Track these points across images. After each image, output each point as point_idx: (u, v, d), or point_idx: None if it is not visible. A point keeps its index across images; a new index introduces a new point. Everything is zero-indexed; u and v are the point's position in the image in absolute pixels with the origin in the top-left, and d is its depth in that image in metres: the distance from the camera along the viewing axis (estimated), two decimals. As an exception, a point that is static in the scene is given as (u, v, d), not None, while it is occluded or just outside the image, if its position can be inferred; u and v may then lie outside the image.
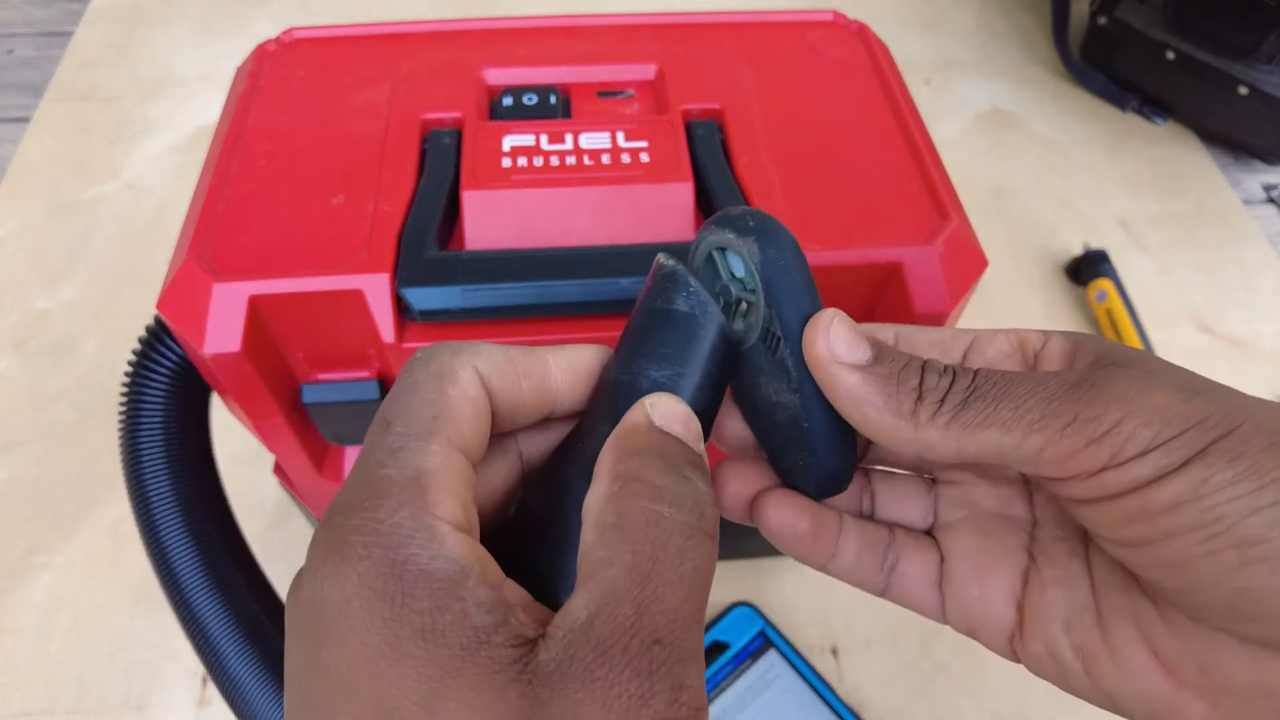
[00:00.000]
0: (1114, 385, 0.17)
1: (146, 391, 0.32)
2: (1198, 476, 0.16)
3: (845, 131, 0.35)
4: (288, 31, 0.39)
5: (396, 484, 0.16)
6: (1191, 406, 0.16)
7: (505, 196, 0.32)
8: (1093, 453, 0.17)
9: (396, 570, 0.15)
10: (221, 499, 0.34)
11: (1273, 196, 0.72)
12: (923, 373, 0.19)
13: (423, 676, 0.14)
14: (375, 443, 0.17)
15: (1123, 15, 0.73)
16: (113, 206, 0.66)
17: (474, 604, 0.15)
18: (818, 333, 0.19)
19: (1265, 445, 0.16)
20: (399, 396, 0.18)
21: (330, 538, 0.16)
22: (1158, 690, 0.18)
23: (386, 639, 0.15)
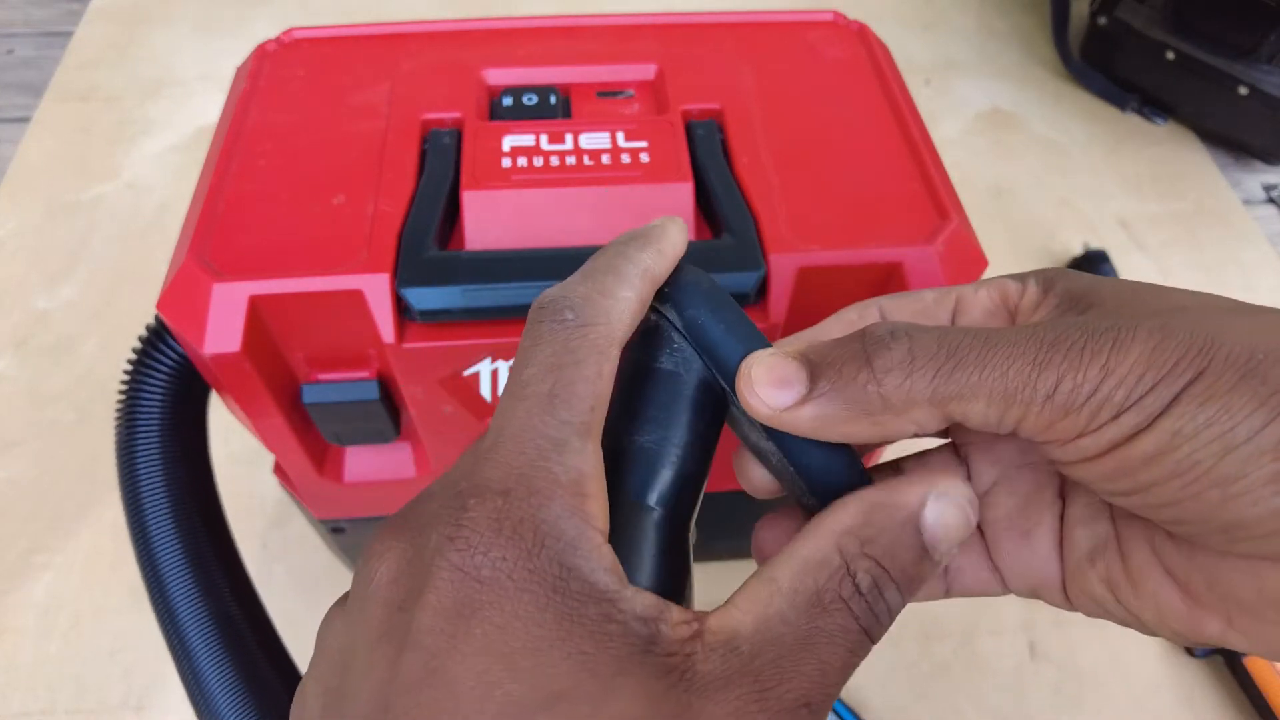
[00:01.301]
0: (1089, 343, 0.17)
1: (144, 391, 0.32)
2: (1170, 428, 0.16)
3: (845, 131, 0.35)
4: (288, 31, 0.39)
5: (562, 485, 0.17)
6: (1162, 352, 0.17)
7: (505, 196, 0.32)
8: (1070, 422, 0.17)
9: (564, 574, 0.16)
10: (214, 500, 0.34)
11: (1273, 196, 0.72)
12: (868, 358, 0.18)
13: (593, 672, 0.15)
14: (535, 420, 0.17)
15: (1123, 15, 0.73)
16: (113, 206, 0.66)
17: (633, 617, 0.16)
18: (744, 393, 0.19)
19: (1235, 380, 0.16)
20: (560, 366, 0.18)
21: (493, 521, 0.16)
22: (1177, 610, 0.19)
23: (557, 632, 0.15)
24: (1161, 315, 0.17)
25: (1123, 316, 0.18)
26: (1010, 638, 0.47)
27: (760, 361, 0.19)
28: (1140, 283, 0.20)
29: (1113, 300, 0.19)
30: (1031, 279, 0.21)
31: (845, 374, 0.18)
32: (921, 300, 0.23)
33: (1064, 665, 0.46)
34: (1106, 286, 0.20)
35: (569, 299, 0.19)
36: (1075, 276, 0.20)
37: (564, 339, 0.18)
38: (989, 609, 0.48)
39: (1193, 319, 0.17)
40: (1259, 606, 0.17)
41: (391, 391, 0.33)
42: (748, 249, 0.30)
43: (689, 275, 0.21)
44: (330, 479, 0.36)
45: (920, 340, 0.18)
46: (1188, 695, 0.45)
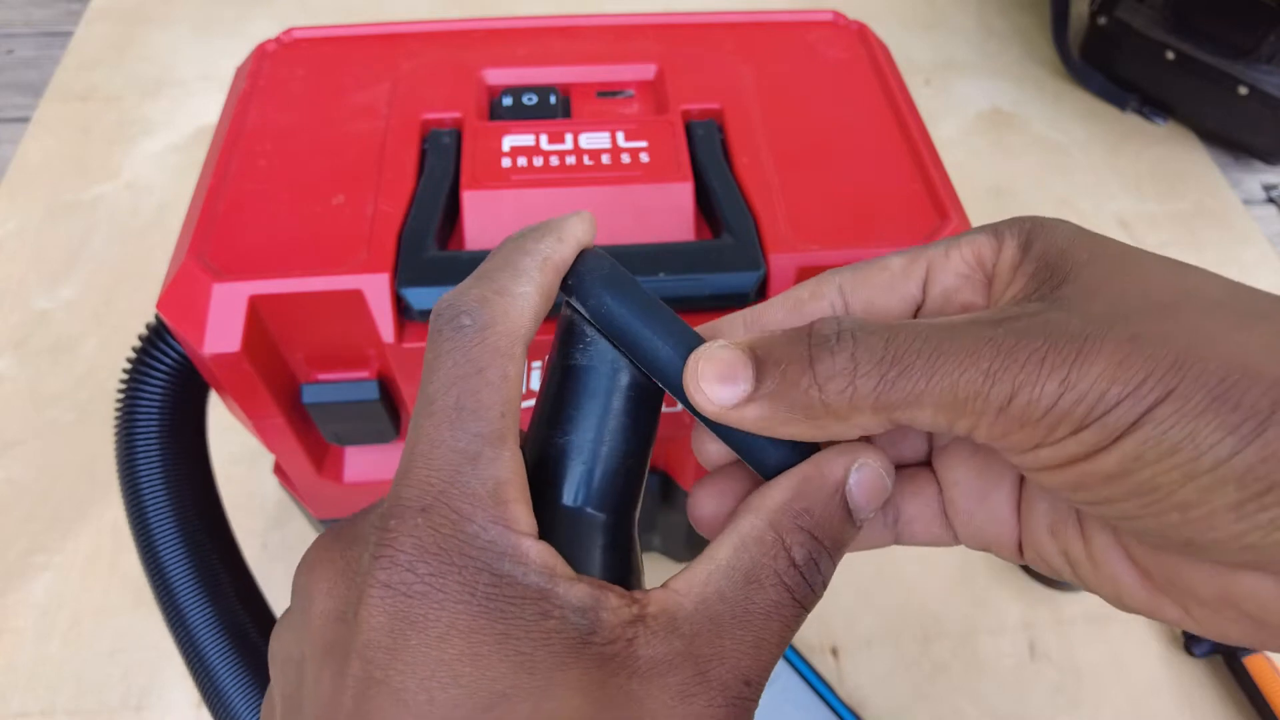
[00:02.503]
0: (1050, 353, 0.16)
1: (144, 391, 0.32)
2: (1132, 450, 0.15)
3: (845, 131, 0.35)
4: (287, 31, 0.39)
5: (480, 497, 0.17)
6: (1129, 367, 0.15)
7: (505, 196, 0.32)
8: (1026, 435, 0.16)
9: (495, 581, 0.16)
10: (214, 499, 0.34)
11: (1273, 196, 0.72)
12: (810, 361, 0.18)
13: (531, 671, 0.16)
14: (445, 436, 0.17)
15: (1123, 15, 0.73)
16: (112, 206, 0.66)
17: (570, 609, 0.17)
18: (690, 390, 0.18)
19: (1205, 404, 0.15)
20: (464, 376, 0.18)
21: (418, 540, 0.16)
22: (1136, 593, 0.19)
23: (495, 637, 0.16)
24: (1136, 317, 0.16)
25: (1094, 312, 0.16)
26: (1010, 638, 0.47)
27: (707, 356, 0.18)
28: (1125, 251, 0.18)
29: (1090, 278, 0.17)
30: (1009, 234, 0.20)
31: (789, 376, 0.18)
32: (886, 270, 0.21)
33: (1064, 665, 0.46)
34: (1085, 252, 0.18)
35: (464, 304, 0.18)
36: (1054, 232, 0.19)
37: (464, 348, 0.18)
38: (989, 609, 0.48)
39: (1169, 326, 0.16)
40: (1218, 605, 0.17)
41: (391, 391, 0.33)
42: (748, 249, 0.30)
43: (589, 260, 0.20)
44: (330, 479, 0.36)
45: (865, 344, 0.17)
46: (1188, 695, 0.45)
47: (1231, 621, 0.17)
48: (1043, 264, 0.18)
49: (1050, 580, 0.48)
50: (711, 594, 0.18)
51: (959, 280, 0.20)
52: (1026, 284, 0.18)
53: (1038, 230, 0.19)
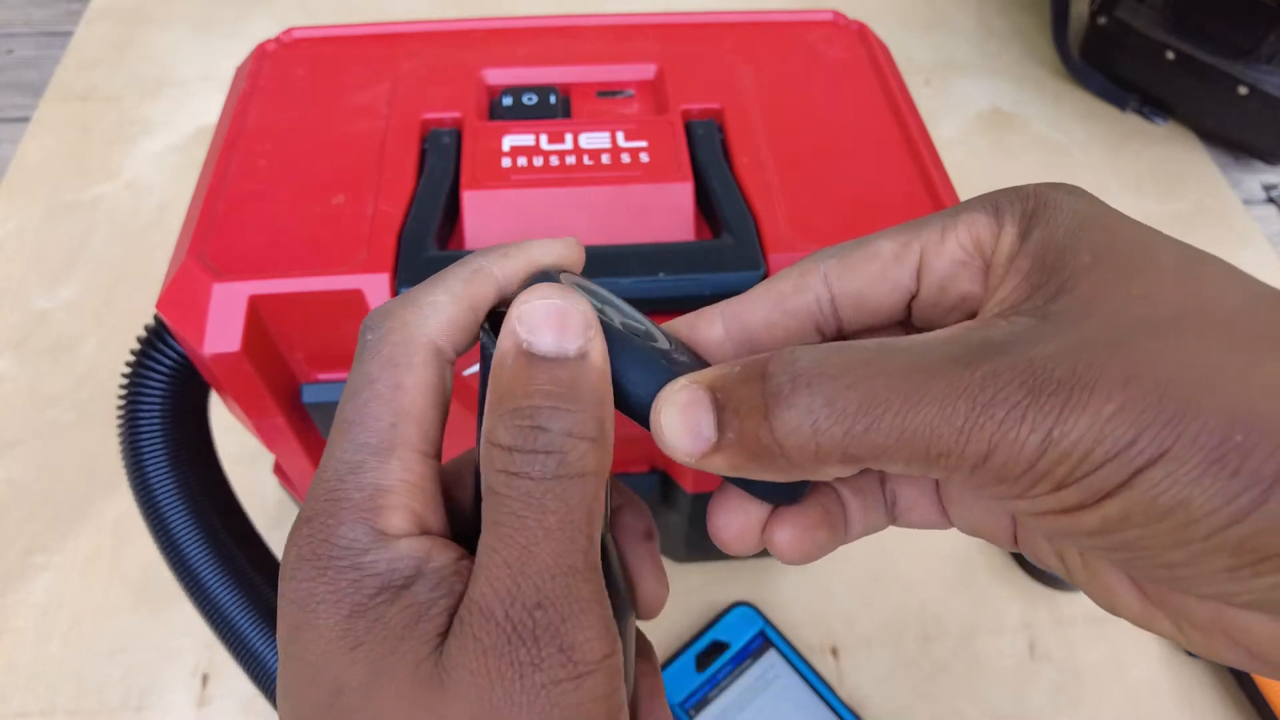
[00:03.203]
0: (1031, 407, 0.14)
1: (145, 390, 0.32)
2: (1118, 511, 0.14)
3: (845, 131, 0.35)
4: (287, 31, 0.39)
5: (355, 503, 0.17)
6: (1121, 422, 0.14)
7: (505, 196, 0.32)
8: (1003, 489, 0.15)
9: (355, 576, 0.16)
10: (226, 489, 0.34)
11: (1273, 196, 0.72)
12: (766, 413, 0.16)
13: (368, 661, 0.16)
14: (336, 450, 0.18)
15: (1123, 15, 0.73)
16: (112, 206, 0.66)
17: (424, 587, 0.16)
18: (658, 440, 0.17)
19: (1203, 469, 0.13)
20: (357, 392, 0.18)
21: (301, 548, 0.17)
22: (1131, 604, 0.18)
23: (344, 631, 0.16)
24: (1135, 345, 0.14)
25: (1087, 339, 0.15)
26: (1010, 638, 0.47)
27: (668, 401, 0.17)
28: (1134, 249, 0.16)
29: (1089, 290, 0.16)
30: (1009, 218, 0.18)
31: (747, 428, 0.16)
32: (878, 257, 0.19)
33: (1064, 665, 0.46)
34: (1088, 254, 0.16)
35: (372, 318, 0.19)
36: (1056, 218, 0.17)
37: (361, 361, 0.18)
38: (989, 609, 0.48)
39: (1170, 358, 0.14)
40: (1209, 628, 0.16)
41: (391, 391, 0.33)
42: (748, 249, 0.30)
43: (541, 276, 0.19)
44: (330, 479, 0.36)
45: (824, 393, 0.15)
46: (1188, 695, 0.45)
47: (1225, 647, 0.16)
48: (1039, 263, 0.17)
49: (1050, 580, 0.48)
50: (481, 542, 0.17)
51: (956, 267, 0.19)
52: (1019, 285, 0.17)
53: (1040, 214, 0.17)
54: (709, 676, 0.44)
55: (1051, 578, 0.48)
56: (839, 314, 0.20)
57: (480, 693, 0.15)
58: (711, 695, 0.44)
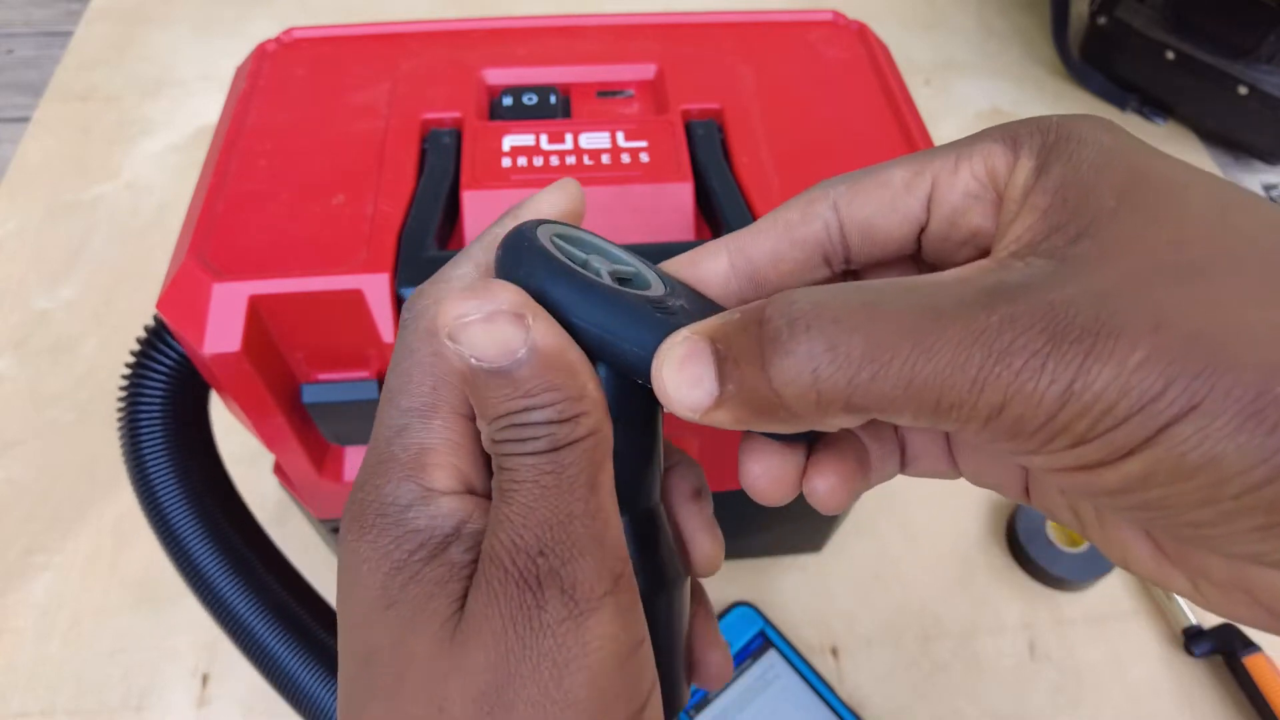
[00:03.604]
0: (1052, 355, 0.13)
1: (146, 390, 0.32)
2: (1142, 469, 0.13)
3: (845, 131, 0.35)
4: (287, 31, 0.39)
5: (400, 462, 0.17)
6: (1148, 373, 0.13)
7: (505, 196, 0.32)
8: (1018, 444, 0.14)
9: (398, 533, 0.17)
10: (229, 486, 0.35)
11: (1273, 196, 0.72)
12: (763, 361, 0.15)
13: (398, 621, 0.16)
14: (383, 418, 0.18)
15: (1123, 15, 0.73)
16: (112, 206, 0.66)
17: (458, 549, 0.17)
18: (661, 396, 0.17)
19: (1237, 424, 0.12)
20: (399, 363, 0.18)
21: (351, 511, 0.18)
22: (1146, 561, 0.17)
23: (382, 590, 0.16)
24: (1163, 288, 0.13)
25: (1111, 285, 0.14)
26: (1010, 638, 0.47)
27: (670, 355, 0.16)
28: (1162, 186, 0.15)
29: (1115, 235, 0.14)
30: (1025, 149, 0.17)
31: (747, 378, 0.15)
32: (887, 186, 0.18)
33: (1064, 665, 0.46)
34: (1112, 196, 0.15)
35: (409, 301, 0.19)
36: (1079, 152, 0.16)
37: (403, 339, 0.19)
38: (989, 609, 0.48)
39: (1202, 305, 0.13)
40: (1230, 588, 0.16)
41: (391, 391, 0.33)
42: (748, 249, 0.30)
43: (507, 241, 0.18)
44: (330, 479, 0.36)
45: (824, 337, 0.14)
46: (1187, 695, 0.45)
47: (1243, 606, 0.16)
48: (1059, 201, 0.15)
49: (1050, 580, 0.48)
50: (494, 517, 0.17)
51: (968, 200, 0.18)
52: (1036, 223, 0.16)
53: (1060, 148, 0.16)
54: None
55: (1052, 577, 0.48)
56: (848, 244, 0.19)
57: (495, 637, 0.15)
58: (711, 695, 0.44)
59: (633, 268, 0.19)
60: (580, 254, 0.19)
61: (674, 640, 0.20)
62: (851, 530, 0.50)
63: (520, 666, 0.15)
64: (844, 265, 0.20)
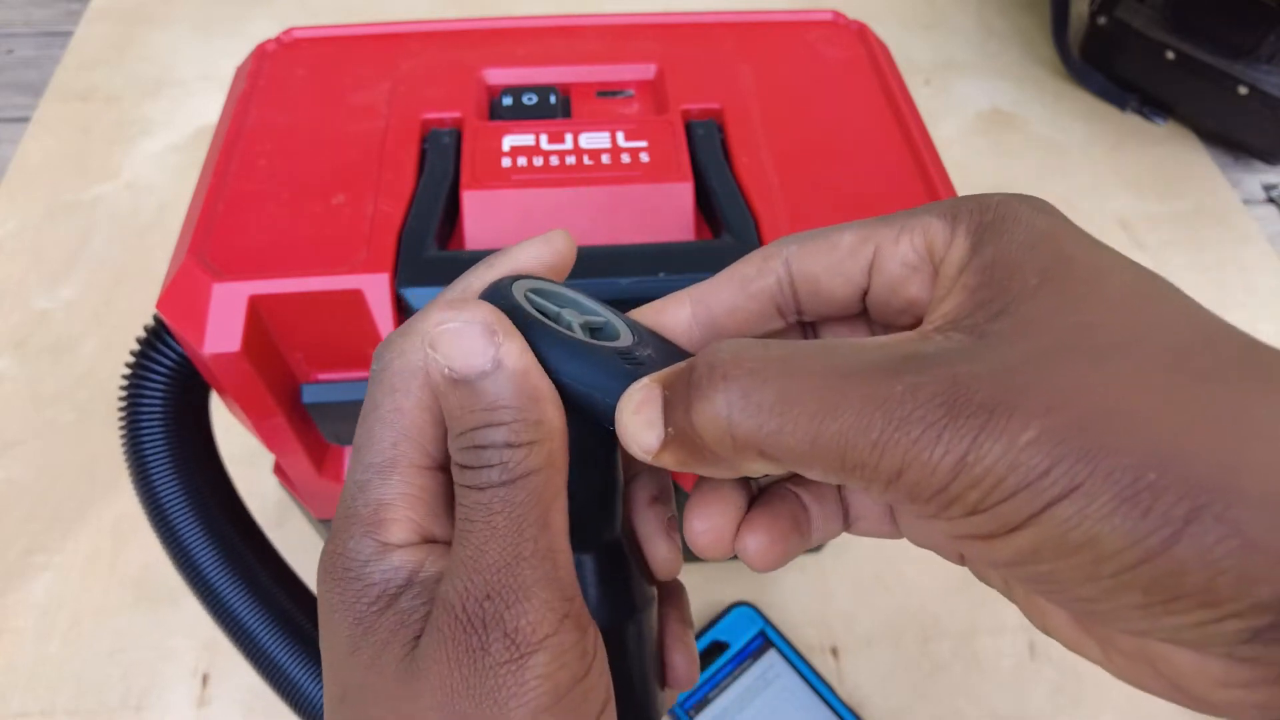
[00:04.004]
0: (949, 428, 0.14)
1: (146, 390, 0.32)
2: (1029, 543, 0.14)
3: (845, 131, 0.35)
4: (287, 31, 0.39)
5: (361, 518, 0.18)
6: (1036, 453, 0.13)
7: (505, 196, 0.32)
8: (917, 508, 0.15)
9: (358, 587, 0.18)
10: (229, 487, 0.35)
11: (1273, 196, 0.72)
12: (689, 407, 0.16)
13: (363, 665, 0.17)
14: (350, 473, 0.19)
15: (1123, 15, 0.73)
16: (112, 206, 0.66)
17: (409, 598, 0.18)
18: (622, 439, 0.18)
19: (1112, 506, 0.13)
20: (365, 418, 0.19)
21: (324, 563, 0.19)
22: (1063, 628, 0.18)
23: (349, 637, 0.18)
24: (1063, 372, 0.14)
25: (1016, 363, 0.14)
26: (1010, 638, 0.47)
27: (626, 400, 0.17)
28: (1086, 272, 0.16)
29: (1032, 313, 0.15)
30: (962, 228, 0.18)
31: (679, 422, 0.16)
32: (837, 249, 0.19)
33: (1064, 665, 0.46)
34: (1035, 275, 0.16)
35: (378, 350, 0.20)
36: (1011, 233, 0.17)
37: (370, 392, 0.20)
38: (989, 609, 0.48)
39: (1095, 391, 0.14)
40: (1134, 657, 0.16)
41: (391, 391, 0.33)
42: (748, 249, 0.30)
43: (488, 292, 0.19)
44: (330, 479, 0.36)
45: (740, 386, 0.16)
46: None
47: (1149, 677, 0.16)
48: (987, 279, 0.16)
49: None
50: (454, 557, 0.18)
51: (906, 270, 0.19)
52: (964, 301, 0.17)
53: (995, 228, 0.17)
54: (709, 676, 0.44)
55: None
56: (798, 299, 0.20)
57: (442, 679, 0.16)
58: (711, 695, 0.44)
59: (603, 318, 0.20)
60: (554, 307, 0.20)
61: (643, 661, 0.21)
62: (851, 530, 0.50)
63: (465, 705, 0.16)
64: (796, 318, 0.21)
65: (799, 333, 0.22)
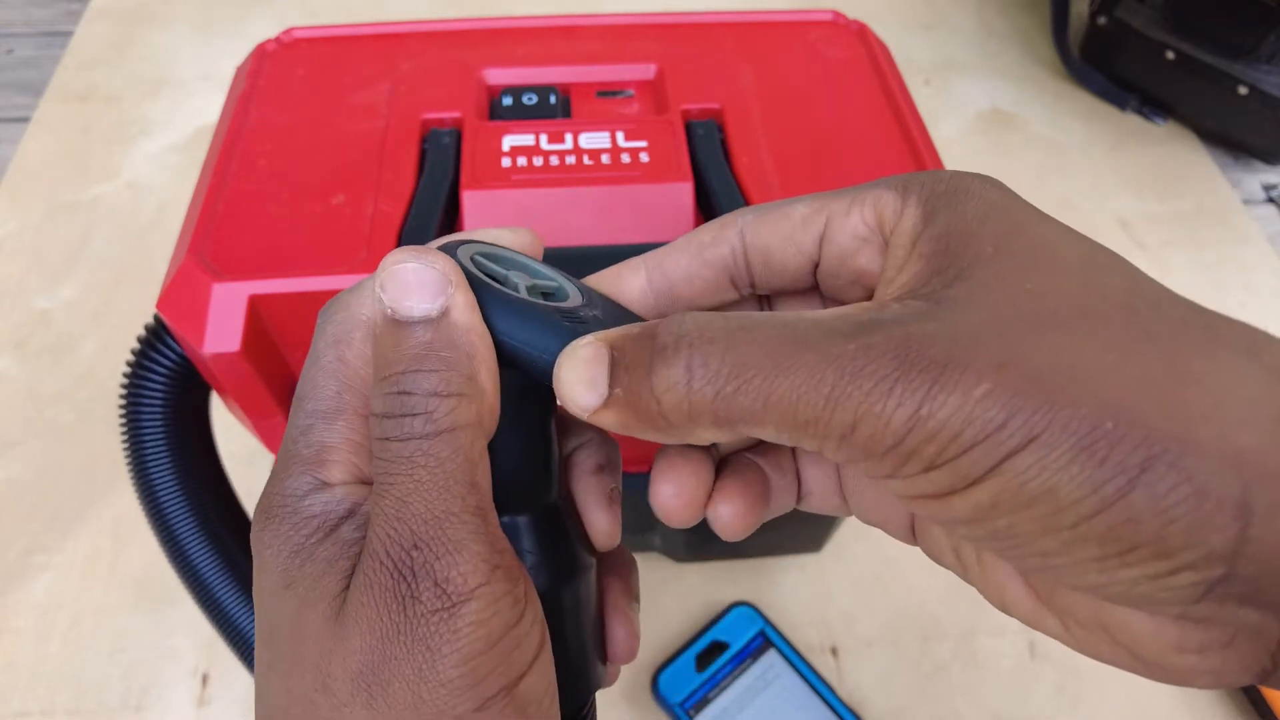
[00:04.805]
0: (900, 380, 0.14)
1: (146, 391, 0.32)
2: (987, 499, 0.14)
3: (845, 131, 0.35)
4: (287, 31, 0.39)
5: (302, 459, 0.19)
6: (991, 405, 0.14)
7: (505, 196, 0.32)
8: (872, 465, 0.15)
9: (295, 520, 0.18)
10: (228, 490, 0.35)
11: (1273, 196, 0.72)
12: (649, 370, 0.16)
13: (296, 598, 0.17)
14: (292, 421, 0.19)
15: (1123, 15, 0.73)
16: (112, 206, 0.66)
17: (349, 528, 0.18)
18: (559, 392, 0.18)
19: (1070, 455, 0.13)
20: (307, 370, 0.19)
21: (260, 505, 0.19)
22: (1021, 602, 0.18)
23: (283, 571, 0.17)
24: (1017, 333, 0.14)
25: (970, 325, 0.15)
26: (1010, 638, 0.47)
27: (569, 355, 0.17)
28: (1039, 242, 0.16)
29: (985, 278, 0.16)
30: (914, 199, 0.18)
31: (633, 384, 0.17)
32: (790, 219, 0.20)
33: (1064, 665, 0.46)
34: (990, 244, 0.16)
35: (325, 306, 0.20)
36: (963, 206, 0.17)
37: (314, 346, 0.20)
38: (989, 609, 0.48)
39: (1050, 348, 0.14)
40: (1091, 626, 0.17)
41: (391, 391, 0.33)
42: (748, 249, 0.30)
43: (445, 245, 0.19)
44: (330, 479, 0.36)
45: (701, 354, 0.16)
46: (1187, 695, 0.45)
47: (1106, 645, 0.16)
48: (940, 248, 0.17)
49: (1050, 580, 0.48)
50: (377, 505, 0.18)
51: (856, 242, 0.19)
52: (919, 270, 0.17)
53: (946, 200, 0.17)
54: (709, 676, 0.44)
55: (1051, 578, 0.48)
56: (751, 270, 0.21)
57: (371, 624, 0.16)
58: (711, 695, 0.44)
59: (555, 282, 0.20)
60: (500, 270, 0.20)
61: (581, 626, 0.21)
62: (851, 530, 0.50)
63: (395, 649, 0.16)
64: (749, 289, 0.21)
65: (754, 305, 0.22)
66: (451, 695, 0.16)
